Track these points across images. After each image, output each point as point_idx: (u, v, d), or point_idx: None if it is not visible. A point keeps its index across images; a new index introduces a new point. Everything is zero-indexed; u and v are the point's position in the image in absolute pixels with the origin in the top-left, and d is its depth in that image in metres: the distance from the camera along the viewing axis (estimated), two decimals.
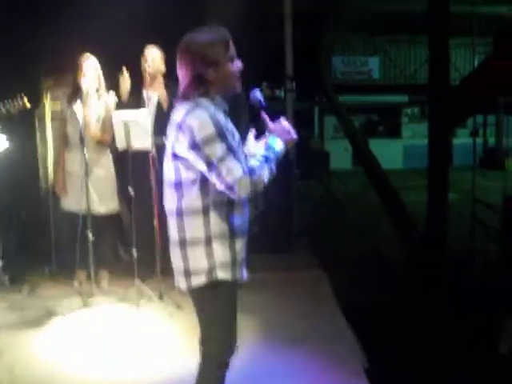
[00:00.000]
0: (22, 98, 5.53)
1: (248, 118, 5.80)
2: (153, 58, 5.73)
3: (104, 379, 4.11)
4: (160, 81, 5.80)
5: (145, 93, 5.70)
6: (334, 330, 4.80)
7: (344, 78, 19.72)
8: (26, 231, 6.94)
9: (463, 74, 7.68)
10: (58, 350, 4.55)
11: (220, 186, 2.66)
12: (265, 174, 2.69)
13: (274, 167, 2.75)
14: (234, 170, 2.61)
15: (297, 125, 8.50)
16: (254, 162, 2.72)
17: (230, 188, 2.63)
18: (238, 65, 2.82)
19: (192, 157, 2.68)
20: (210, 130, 2.63)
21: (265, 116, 2.88)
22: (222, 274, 2.79)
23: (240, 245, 2.84)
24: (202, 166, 2.68)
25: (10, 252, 6.45)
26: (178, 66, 2.81)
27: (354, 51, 20.09)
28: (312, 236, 7.88)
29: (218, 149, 2.62)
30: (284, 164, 2.87)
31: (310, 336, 4.65)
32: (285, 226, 7.12)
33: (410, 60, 19.85)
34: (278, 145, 2.80)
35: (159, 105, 5.75)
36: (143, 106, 5.44)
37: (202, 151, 2.63)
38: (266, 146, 2.81)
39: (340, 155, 18.80)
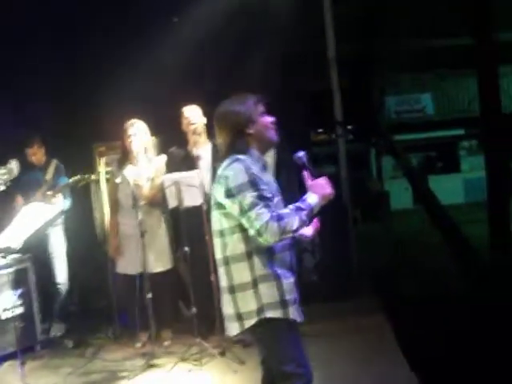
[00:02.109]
0: (89, 176, 5.76)
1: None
2: (194, 115, 5.79)
3: None
4: (205, 136, 5.84)
5: (194, 151, 5.70)
6: (397, 377, 4.62)
7: (398, 117, 19.60)
8: (87, 294, 7.04)
9: None
10: None
11: (251, 232, 2.88)
12: (294, 222, 2.86)
13: (304, 217, 2.90)
14: (262, 215, 2.82)
15: (352, 167, 8.54)
16: (284, 211, 2.91)
17: (259, 233, 2.83)
18: (269, 119, 3.12)
19: (228, 204, 2.93)
20: (243, 178, 2.89)
21: (306, 174, 3.11)
22: (272, 314, 2.93)
23: (288, 285, 2.98)
24: (236, 212, 2.91)
25: (73, 316, 6.56)
26: (216, 132, 3.15)
27: (406, 89, 19.96)
28: (374, 279, 7.71)
29: (249, 196, 2.86)
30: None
31: None
32: (344, 271, 6.99)
33: (463, 93, 19.58)
34: (312, 198, 2.98)
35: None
36: (196, 165, 5.47)
37: (236, 198, 2.89)
38: (301, 199, 2.98)
39: (400, 195, 18.54)
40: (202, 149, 5.74)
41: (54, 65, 7.00)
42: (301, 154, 3.15)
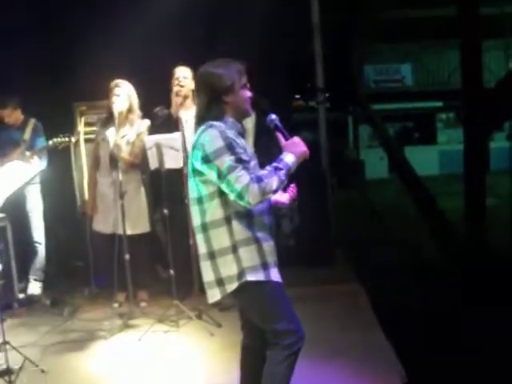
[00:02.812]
0: (69, 137, 5.69)
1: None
2: (185, 77, 5.72)
3: None
4: (191, 100, 5.74)
5: (179, 113, 5.54)
6: (372, 344, 4.68)
7: (377, 87, 19.62)
8: (65, 254, 7.03)
9: (498, 77, 7.55)
10: (101, 371, 4.56)
11: (231, 196, 2.87)
12: (274, 183, 2.86)
13: (283, 177, 2.90)
14: (241, 178, 2.82)
15: (330, 135, 8.54)
16: (262, 172, 2.91)
17: (240, 196, 2.83)
18: (248, 93, 3.10)
19: (206, 170, 2.92)
20: (220, 143, 2.88)
21: (279, 135, 3.10)
22: (254, 277, 2.94)
23: (267, 248, 3.00)
24: (214, 178, 2.90)
25: (51, 275, 6.55)
26: (195, 92, 3.12)
27: (386, 59, 19.95)
28: (350, 247, 7.80)
29: (227, 160, 2.85)
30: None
31: (347, 350, 4.55)
32: (322, 238, 7.04)
33: (443, 65, 19.62)
34: (289, 157, 2.97)
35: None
36: (178, 128, 5.43)
37: (213, 163, 2.88)
38: (277, 159, 2.97)
39: (376, 164, 18.65)
40: (187, 112, 5.65)
41: (32, 19, 6.86)
42: (273, 116, 3.13)
